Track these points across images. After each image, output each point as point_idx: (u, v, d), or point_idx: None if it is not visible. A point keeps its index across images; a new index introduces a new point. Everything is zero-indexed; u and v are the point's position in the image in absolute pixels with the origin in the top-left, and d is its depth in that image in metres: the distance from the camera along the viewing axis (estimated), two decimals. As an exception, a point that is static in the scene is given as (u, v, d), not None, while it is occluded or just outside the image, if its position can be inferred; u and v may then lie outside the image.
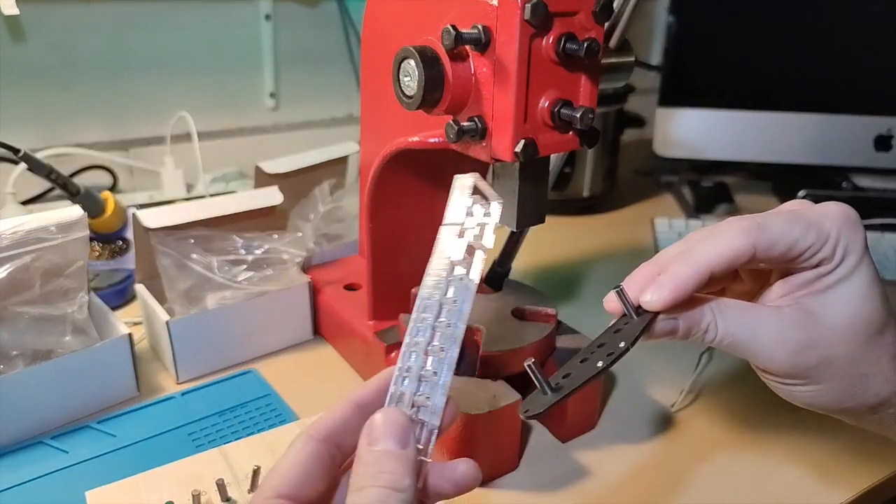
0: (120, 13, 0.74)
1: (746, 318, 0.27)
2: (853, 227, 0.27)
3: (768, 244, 0.26)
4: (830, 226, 0.27)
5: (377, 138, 0.48)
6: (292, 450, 0.23)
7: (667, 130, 0.86)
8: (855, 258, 0.27)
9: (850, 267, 0.27)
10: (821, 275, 0.27)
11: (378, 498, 0.20)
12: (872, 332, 0.27)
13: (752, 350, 0.27)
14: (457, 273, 0.25)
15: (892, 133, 0.82)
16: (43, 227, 0.43)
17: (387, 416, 0.22)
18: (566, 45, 0.32)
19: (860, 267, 0.27)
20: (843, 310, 0.27)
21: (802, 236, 0.26)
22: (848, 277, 0.27)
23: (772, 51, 0.83)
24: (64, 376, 0.42)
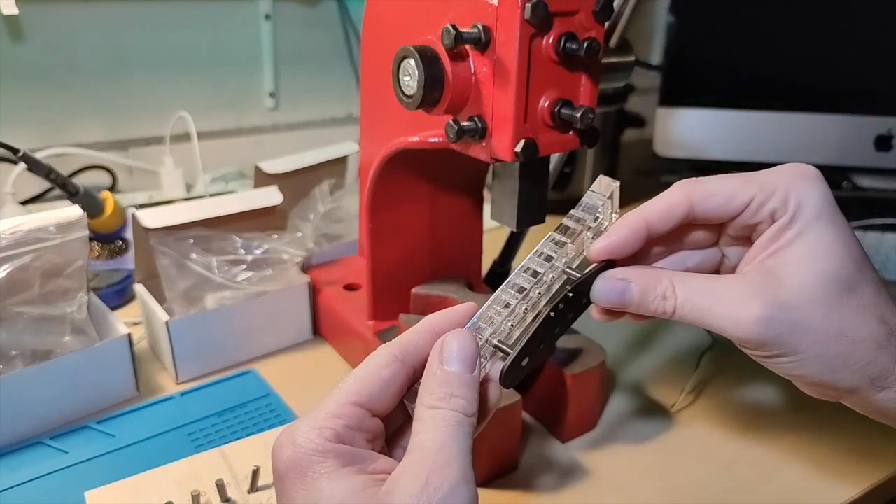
0: (119, 13, 0.73)
1: (706, 286, 0.26)
2: (809, 181, 0.26)
3: (704, 195, 0.26)
4: (778, 179, 0.26)
5: (377, 138, 0.48)
6: (374, 363, 0.23)
7: (667, 130, 0.86)
8: (812, 210, 0.25)
9: (807, 219, 0.25)
10: (779, 230, 0.26)
11: (454, 421, 0.21)
12: (842, 290, 0.25)
13: (716, 317, 0.25)
14: None
15: (893, 133, 0.82)
16: (42, 227, 0.43)
17: (461, 339, 0.23)
18: (566, 45, 0.32)
19: (820, 221, 0.25)
20: (806, 265, 0.25)
21: (742, 188, 0.26)
22: (806, 232, 0.25)
23: (772, 50, 0.83)
24: (63, 376, 0.42)
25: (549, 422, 0.43)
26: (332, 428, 0.22)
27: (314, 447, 0.21)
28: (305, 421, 0.22)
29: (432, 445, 0.21)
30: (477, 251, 0.52)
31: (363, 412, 0.23)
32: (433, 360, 0.23)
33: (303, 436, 0.22)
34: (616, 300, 0.26)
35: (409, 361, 0.24)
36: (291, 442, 0.22)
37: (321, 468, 0.21)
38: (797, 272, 0.25)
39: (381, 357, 0.23)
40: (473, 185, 0.48)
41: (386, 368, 0.23)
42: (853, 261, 0.25)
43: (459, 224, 0.49)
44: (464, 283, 0.47)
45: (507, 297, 0.25)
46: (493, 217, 0.40)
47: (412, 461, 0.21)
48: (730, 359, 0.52)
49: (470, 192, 0.48)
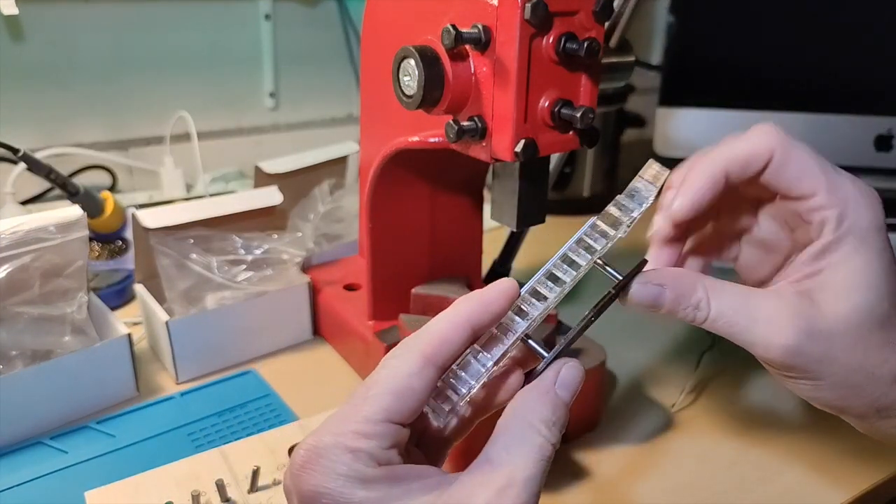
0: (119, 13, 0.73)
1: (743, 301, 0.25)
2: (868, 206, 0.25)
3: (785, 157, 0.24)
4: (847, 190, 0.24)
5: (377, 138, 0.48)
6: (404, 370, 0.21)
7: (667, 130, 0.86)
8: (860, 237, 0.24)
9: (854, 245, 0.24)
10: (822, 250, 0.25)
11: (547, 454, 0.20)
12: (874, 327, 0.24)
13: (747, 337, 0.25)
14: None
15: (893, 133, 0.82)
16: (42, 227, 0.43)
17: (579, 370, 0.22)
18: (566, 45, 0.32)
19: (865, 248, 0.24)
20: (844, 296, 0.24)
21: (818, 175, 0.24)
22: (849, 259, 0.24)
23: (772, 50, 0.83)
24: (63, 376, 0.42)
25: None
26: (366, 451, 0.20)
27: (357, 474, 0.19)
28: (330, 439, 0.20)
29: (520, 475, 0.20)
30: (477, 251, 0.52)
31: (398, 429, 0.21)
32: (550, 377, 0.22)
33: (335, 460, 0.19)
34: (649, 304, 0.25)
35: (442, 363, 0.21)
36: (320, 467, 0.19)
37: (372, 496, 0.19)
38: (835, 302, 0.24)
39: (412, 363, 0.21)
40: (473, 185, 0.48)
41: (418, 377, 0.21)
42: (889, 296, 0.25)
43: (459, 224, 0.49)
44: (464, 282, 0.47)
45: (542, 288, 0.24)
46: (493, 217, 0.40)
47: (492, 482, 0.19)
48: (730, 359, 0.52)
49: (470, 192, 0.48)
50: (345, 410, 0.21)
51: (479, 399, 0.23)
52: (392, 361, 0.21)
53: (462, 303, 0.22)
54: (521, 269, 0.65)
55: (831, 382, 0.25)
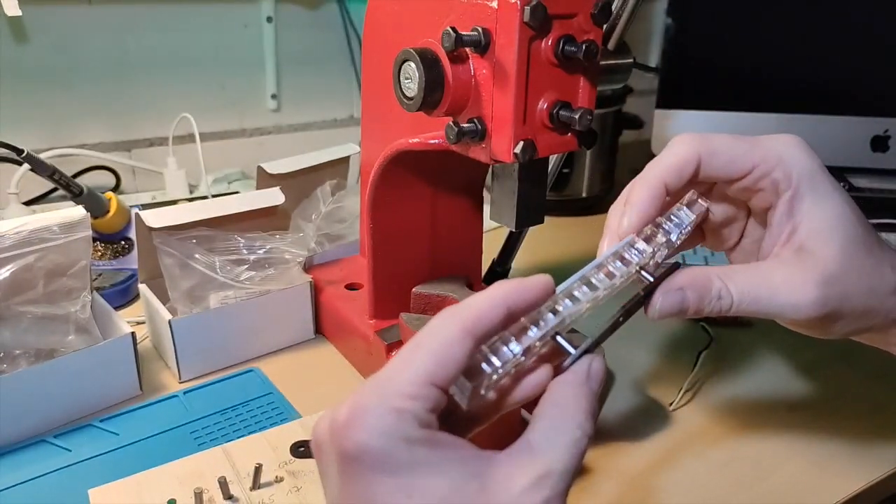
0: (122, 15, 0.74)
1: (757, 276, 0.26)
2: (803, 151, 0.27)
3: (710, 152, 0.27)
4: (778, 148, 0.27)
5: (378, 139, 0.49)
6: (446, 338, 0.21)
7: (664, 132, 0.86)
8: (814, 180, 0.26)
9: (814, 189, 0.26)
10: (790, 204, 0.27)
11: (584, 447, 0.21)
12: (863, 251, 0.26)
13: (775, 306, 0.26)
14: None
15: (889, 133, 0.83)
16: (46, 228, 0.43)
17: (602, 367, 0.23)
18: (565, 48, 0.32)
19: (824, 188, 0.27)
20: (831, 237, 0.26)
21: (746, 152, 0.27)
22: (819, 202, 0.26)
23: (769, 52, 0.83)
24: (67, 375, 0.42)
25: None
26: (411, 412, 0.19)
27: (401, 434, 0.19)
28: (375, 399, 0.20)
29: (559, 466, 0.20)
30: (477, 251, 0.52)
31: (440, 393, 0.20)
32: (583, 370, 0.22)
33: (380, 418, 0.19)
34: (676, 311, 0.26)
35: (479, 337, 0.21)
36: (365, 425, 0.19)
37: (414, 457, 0.19)
38: (826, 245, 0.26)
39: (453, 331, 0.21)
40: (473, 186, 0.49)
41: (459, 345, 0.21)
42: (861, 221, 0.27)
43: (459, 224, 0.49)
44: (464, 282, 0.48)
45: (577, 292, 0.25)
46: (493, 217, 0.40)
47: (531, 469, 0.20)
48: (727, 358, 0.52)
49: (470, 192, 0.49)
50: (386, 372, 0.21)
51: (505, 387, 0.23)
52: (433, 329, 0.21)
53: (500, 284, 0.23)
54: (520, 269, 0.65)
55: (852, 316, 0.27)
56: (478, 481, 0.20)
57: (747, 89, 0.85)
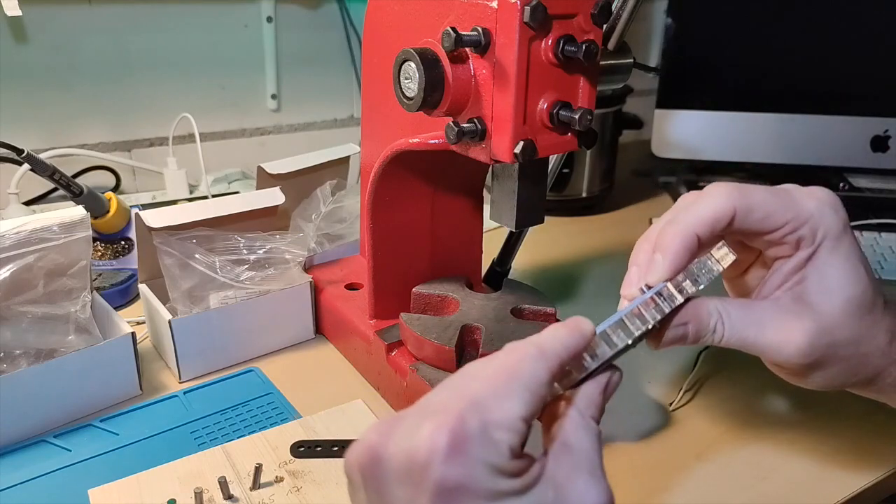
0: (122, 15, 0.74)
1: (749, 313, 0.28)
2: (834, 210, 0.28)
3: (747, 208, 0.27)
4: (812, 207, 0.27)
5: (378, 139, 0.49)
6: (543, 378, 0.22)
7: (664, 131, 0.86)
8: (834, 240, 0.27)
9: (830, 249, 0.27)
10: (804, 258, 0.28)
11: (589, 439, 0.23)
12: (863, 312, 0.27)
13: (761, 346, 0.27)
14: None
15: (889, 134, 0.83)
16: (46, 227, 0.43)
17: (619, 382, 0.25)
18: (565, 48, 0.32)
19: (841, 247, 0.27)
20: (834, 293, 0.27)
21: (781, 209, 0.27)
22: (830, 261, 0.27)
23: (769, 53, 0.83)
24: (67, 375, 0.42)
25: (549, 420, 0.44)
26: (509, 444, 0.21)
27: (501, 466, 0.20)
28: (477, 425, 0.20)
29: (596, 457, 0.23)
30: (477, 251, 0.52)
31: (528, 429, 0.22)
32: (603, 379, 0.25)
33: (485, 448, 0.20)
34: (677, 342, 0.28)
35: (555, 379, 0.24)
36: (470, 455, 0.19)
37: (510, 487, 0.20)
38: (827, 300, 0.27)
39: (543, 375, 0.23)
40: (473, 186, 0.49)
41: (547, 388, 0.23)
42: (871, 283, 0.28)
43: (459, 224, 0.49)
44: (464, 282, 0.48)
45: (615, 337, 0.26)
46: (493, 217, 0.40)
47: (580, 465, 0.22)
48: (727, 357, 0.52)
49: (470, 192, 0.49)
50: (483, 390, 0.21)
51: None
52: (524, 363, 0.22)
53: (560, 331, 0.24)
54: (520, 268, 0.65)
55: (837, 369, 0.28)
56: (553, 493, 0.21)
57: (747, 89, 0.85)
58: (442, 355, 0.41)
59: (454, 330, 0.41)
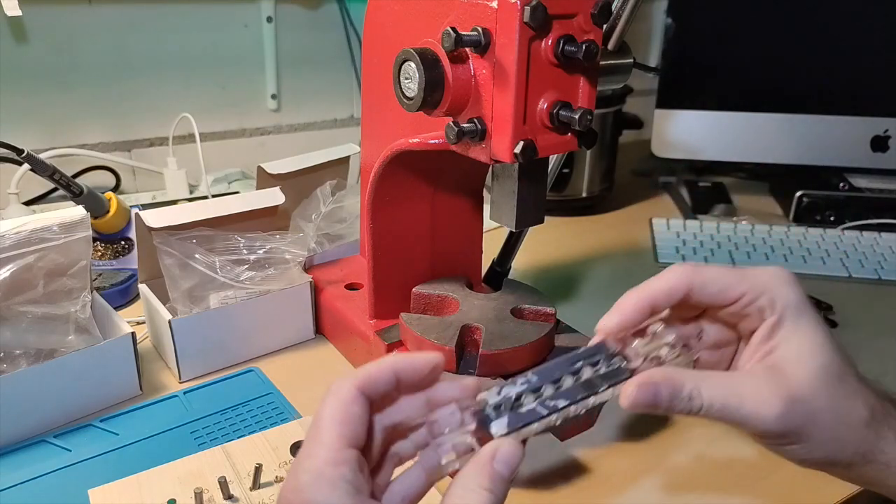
0: (122, 15, 0.74)
1: (727, 383, 0.28)
2: (790, 284, 0.29)
3: (701, 283, 0.29)
4: (766, 279, 0.29)
5: (378, 139, 0.49)
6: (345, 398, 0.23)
7: (664, 131, 0.87)
8: (796, 311, 0.29)
9: (794, 319, 0.28)
10: (771, 329, 0.29)
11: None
12: (836, 380, 0.28)
13: (743, 414, 0.28)
14: None
15: (889, 134, 0.83)
16: (46, 227, 0.43)
17: (515, 450, 0.25)
18: (565, 48, 0.32)
19: (805, 318, 0.29)
20: (805, 362, 0.28)
21: (735, 283, 0.29)
22: (797, 330, 0.28)
23: (769, 53, 0.83)
24: (67, 375, 0.42)
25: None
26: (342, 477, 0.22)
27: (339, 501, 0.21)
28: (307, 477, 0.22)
29: None
30: (477, 251, 0.52)
31: (356, 453, 0.23)
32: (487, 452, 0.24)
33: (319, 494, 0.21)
34: (649, 404, 0.28)
35: (371, 395, 0.25)
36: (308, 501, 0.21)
37: None
38: (800, 367, 0.28)
39: (347, 392, 0.24)
40: (473, 186, 0.49)
41: (356, 404, 0.24)
42: (838, 352, 0.29)
43: (459, 224, 0.49)
44: (464, 282, 0.48)
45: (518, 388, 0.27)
46: (493, 217, 0.40)
47: None
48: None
49: (470, 192, 0.49)
50: (305, 450, 0.23)
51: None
52: (329, 398, 0.24)
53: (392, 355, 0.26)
54: (520, 268, 0.65)
55: (818, 440, 0.28)
56: None
57: (747, 89, 0.85)
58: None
59: (454, 330, 0.41)
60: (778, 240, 0.73)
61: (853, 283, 0.66)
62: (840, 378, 0.28)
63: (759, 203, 0.88)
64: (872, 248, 0.71)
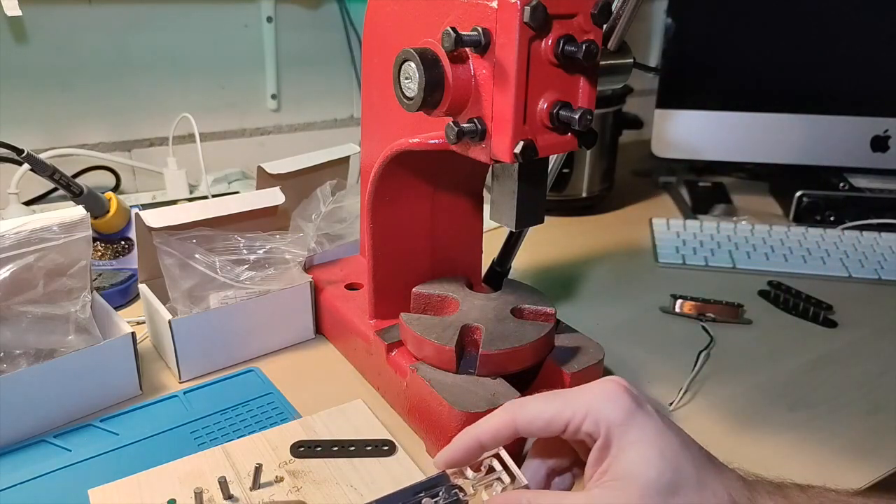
0: (122, 15, 0.74)
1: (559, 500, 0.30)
2: (612, 401, 0.30)
3: (527, 419, 0.31)
4: (588, 400, 0.30)
5: (378, 139, 0.49)
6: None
7: (664, 131, 0.87)
8: (621, 429, 0.29)
9: (619, 437, 0.29)
10: (599, 451, 0.30)
11: None
12: (668, 493, 0.28)
13: None
14: None
15: (889, 134, 0.83)
16: (46, 227, 0.43)
17: None
18: (565, 48, 0.32)
19: (629, 434, 0.29)
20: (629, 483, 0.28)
21: (558, 412, 0.30)
22: (622, 448, 0.29)
23: (769, 52, 0.83)
24: (67, 375, 0.42)
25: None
26: None
27: None
28: None
29: None
30: (477, 251, 0.52)
31: None
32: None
33: None
34: None
35: None
36: None
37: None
38: (625, 490, 0.28)
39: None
40: (473, 186, 0.49)
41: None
42: (668, 465, 0.29)
43: (459, 224, 0.49)
44: (464, 282, 0.48)
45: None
46: (493, 217, 0.40)
47: None
48: (727, 357, 0.52)
49: (470, 192, 0.49)
50: None
51: None
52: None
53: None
54: (520, 268, 0.65)
55: None
56: None
57: (747, 89, 0.85)
58: (442, 355, 0.41)
59: (454, 330, 0.41)
60: (778, 240, 0.73)
61: (853, 283, 0.66)
62: (671, 490, 0.28)
63: (759, 203, 0.88)
64: (872, 248, 0.71)
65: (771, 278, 0.65)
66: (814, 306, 0.59)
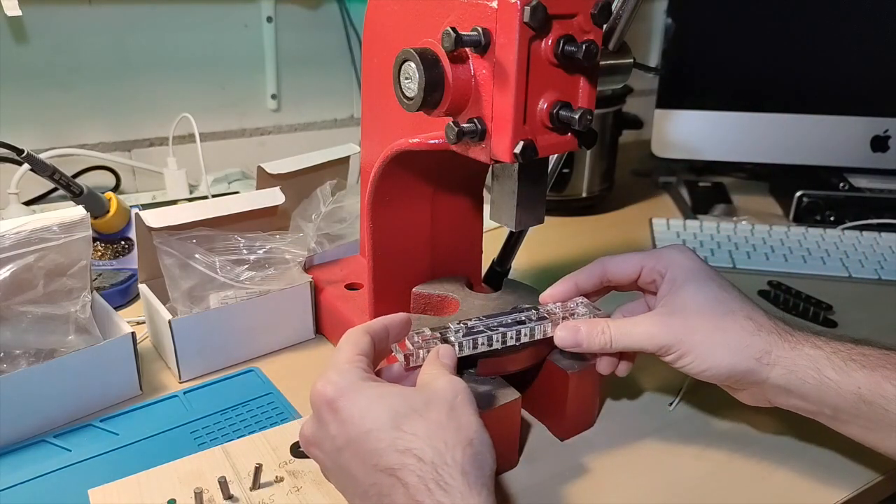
0: (122, 15, 0.74)
1: (628, 320, 0.39)
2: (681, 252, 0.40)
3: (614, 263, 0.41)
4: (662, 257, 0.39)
5: (378, 139, 0.49)
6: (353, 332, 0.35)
7: (664, 131, 0.87)
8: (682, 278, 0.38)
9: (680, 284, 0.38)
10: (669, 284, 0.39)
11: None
12: (713, 304, 0.37)
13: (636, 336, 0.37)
14: None
15: (889, 134, 0.83)
16: (46, 227, 0.43)
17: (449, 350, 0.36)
18: (565, 48, 0.32)
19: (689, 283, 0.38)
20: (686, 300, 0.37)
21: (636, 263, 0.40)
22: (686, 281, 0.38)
23: (769, 52, 0.83)
24: (67, 375, 0.42)
25: (548, 420, 0.44)
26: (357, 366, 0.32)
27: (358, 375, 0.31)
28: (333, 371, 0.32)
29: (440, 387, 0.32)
30: (477, 251, 0.52)
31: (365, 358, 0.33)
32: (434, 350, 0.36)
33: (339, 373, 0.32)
34: (571, 340, 0.38)
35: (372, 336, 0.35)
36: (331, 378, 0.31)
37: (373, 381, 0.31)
38: (681, 303, 0.38)
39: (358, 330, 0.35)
40: (473, 186, 0.49)
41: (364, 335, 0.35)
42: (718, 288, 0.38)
43: (459, 224, 0.49)
44: (464, 282, 0.48)
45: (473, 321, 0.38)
46: (493, 217, 0.40)
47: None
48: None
49: (470, 192, 0.49)
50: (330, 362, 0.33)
51: None
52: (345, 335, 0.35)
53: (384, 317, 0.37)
54: (520, 268, 0.65)
55: (703, 350, 0.36)
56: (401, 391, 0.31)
57: (747, 89, 0.85)
58: (442, 355, 0.41)
59: (454, 330, 0.41)
60: (778, 240, 0.73)
61: (853, 283, 0.66)
62: (718, 301, 0.37)
63: (759, 203, 0.88)
64: (872, 248, 0.71)
65: (771, 278, 0.65)
66: (814, 306, 0.59)
